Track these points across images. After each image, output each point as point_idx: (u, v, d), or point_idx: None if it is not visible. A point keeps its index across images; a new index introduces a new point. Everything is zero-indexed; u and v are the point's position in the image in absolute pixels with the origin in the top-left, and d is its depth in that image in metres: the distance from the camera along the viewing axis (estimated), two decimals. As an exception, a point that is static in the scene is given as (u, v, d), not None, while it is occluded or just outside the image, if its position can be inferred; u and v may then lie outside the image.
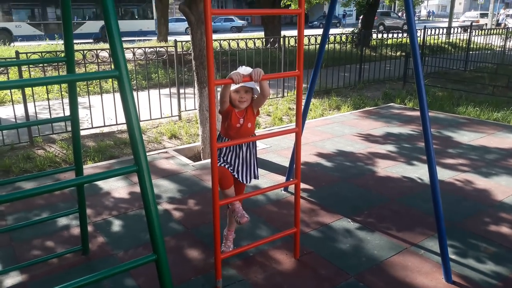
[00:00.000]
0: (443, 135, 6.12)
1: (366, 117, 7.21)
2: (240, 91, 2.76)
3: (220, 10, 2.49)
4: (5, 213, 3.82)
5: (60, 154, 5.58)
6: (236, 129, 2.83)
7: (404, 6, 2.80)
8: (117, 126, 6.73)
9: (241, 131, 2.85)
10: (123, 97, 1.69)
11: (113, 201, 4.06)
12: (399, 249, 3.21)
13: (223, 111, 2.83)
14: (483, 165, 4.90)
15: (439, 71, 11.36)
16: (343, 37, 10.50)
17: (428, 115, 2.79)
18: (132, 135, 1.72)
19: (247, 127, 2.86)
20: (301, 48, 2.65)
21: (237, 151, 2.89)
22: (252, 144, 2.95)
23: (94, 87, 9.70)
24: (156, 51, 7.82)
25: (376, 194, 4.17)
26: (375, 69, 10.74)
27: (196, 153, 5.65)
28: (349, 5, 21.36)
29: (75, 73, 2.12)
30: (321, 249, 3.21)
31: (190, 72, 10.30)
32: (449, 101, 8.33)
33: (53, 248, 3.27)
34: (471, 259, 3.08)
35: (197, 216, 3.77)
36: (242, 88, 2.75)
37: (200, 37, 4.85)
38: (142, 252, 3.20)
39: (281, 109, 8.00)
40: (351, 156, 5.23)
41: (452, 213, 3.72)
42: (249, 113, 2.85)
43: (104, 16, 1.65)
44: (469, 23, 20.09)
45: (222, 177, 2.84)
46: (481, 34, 14.21)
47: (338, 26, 34.90)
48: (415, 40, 2.77)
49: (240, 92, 2.77)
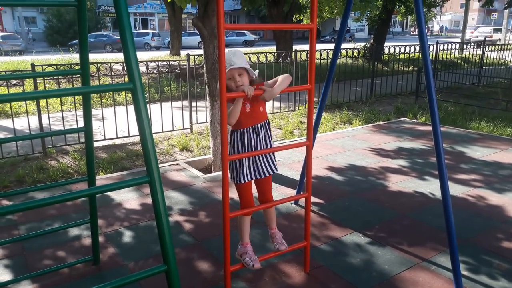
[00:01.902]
0: (455, 150, 6.07)
1: (377, 132, 7.19)
2: (233, 76, 2.62)
3: (233, 24, 2.52)
4: (17, 222, 3.87)
5: (73, 165, 5.65)
6: (247, 114, 2.70)
7: (416, 21, 2.81)
8: (129, 138, 6.80)
9: (253, 115, 2.72)
10: (137, 109, 1.72)
11: (124, 212, 4.09)
12: (410, 264, 3.17)
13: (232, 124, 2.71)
14: (496, 181, 4.84)
15: (452, 86, 11.31)
16: (355, 51, 10.53)
17: (440, 129, 2.78)
18: (145, 147, 1.74)
19: (259, 111, 2.75)
20: (313, 62, 2.67)
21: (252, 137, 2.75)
22: (266, 128, 2.81)
23: (107, 99, 9.84)
24: (169, 65, 7.92)
25: (387, 208, 4.14)
26: (387, 84, 10.73)
27: (207, 166, 5.68)
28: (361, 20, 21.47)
29: (90, 85, 2.17)
30: (332, 263, 3.19)
31: (202, 86, 10.40)
32: (461, 116, 8.27)
33: (64, 258, 3.30)
34: (483, 275, 3.04)
35: (207, 228, 3.77)
36: (233, 73, 2.61)
37: (212, 50, 4.91)
38: (152, 263, 3.21)
39: (292, 122, 8.02)
40: (362, 170, 5.21)
41: (464, 229, 3.68)
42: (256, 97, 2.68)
43: (119, 29, 1.69)
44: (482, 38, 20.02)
45: (244, 195, 2.84)
46: (495, 49, 14.13)
47: (350, 41, 34.97)
48: (427, 55, 2.78)
49: (234, 76, 2.62)
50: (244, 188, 2.85)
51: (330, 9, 17.44)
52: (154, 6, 46.21)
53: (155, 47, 33.21)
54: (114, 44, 31.11)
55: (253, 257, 2.86)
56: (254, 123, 2.74)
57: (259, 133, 2.76)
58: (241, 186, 2.84)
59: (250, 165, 2.80)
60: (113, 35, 32.67)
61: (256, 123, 2.75)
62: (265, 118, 2.82)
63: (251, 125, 2.73)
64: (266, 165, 2.85)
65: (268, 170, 2.86)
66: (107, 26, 43.73)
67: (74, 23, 32.30)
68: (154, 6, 46.29)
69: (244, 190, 2.86)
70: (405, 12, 20.38)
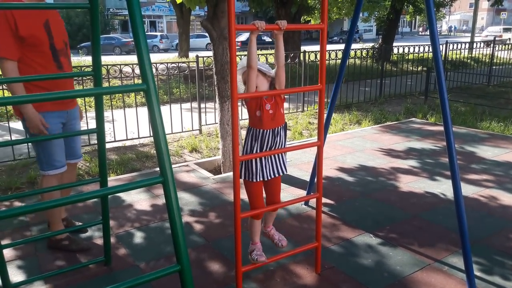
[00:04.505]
0: (466, 150, 6.02)
1: (387, 132, 7.16)
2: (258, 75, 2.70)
3: (243, 25, 2.53)
4: (30, 223, 3.91)
5: (84, 167, 5.69)
6: (269, 115, 2.72)
7: (427, 21, 2.80)
8: (139, 139, 6.84)
9: (275, 118, 2.74)
10: (151, 109, 1.73)
11: (135, 213, 4.11)
12: (422, 265, 3.15)
13: (249, 103, 2.74)
14: (508, 181, 4.80)
15: (462, 86, 11.23)
16: (364, 52, 10.50)
17: (452, 130, 2.76)
18: (158, 147, 1.75)
19: (280, 113, 2.78)
20: (323, 62, 2.67)
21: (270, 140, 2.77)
22: (284, 131, 2.84)
23: (116, 101, 9.90)
24: (178, 67, 7.96)
25: (398, 209, 4.12)
26: (396, 84, 10.68)
27: (217, 167, 5.69)
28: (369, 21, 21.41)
29: (104, 87, 2.19)
30: (343, 264, 3.18)
31: (211, 87, 10.44)
32: (472, 116, 8.21)
33: (76, 258, 3.32)
34: (496, 276, 3.01)
35: (217, 229, 3.78)
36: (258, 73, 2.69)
37: (222, 52, 4.93)
38: (164, 263, 3.23)
39: (301, 123, 8.01)
40: (373, 171, 5.19)
41: (476, 229, 3.65)
42: (277, 98, 2.75)
43: (132, 30, 1.70)
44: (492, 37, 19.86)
45: (254, 195, 2.86)
46: (505, 49, 14.01)
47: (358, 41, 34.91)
48: (438, 55, 2.76)
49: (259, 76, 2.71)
50: (255, 187, 2.86)
51: (338, 10, 17.44)
52: (162, 8, 46.49)
53: (164, 49, 33.38)
54: (123, 46, 31.33)
55: (259, 252, 2.92)
56: (275, 125, 2.75)
57: (277, 136, 2.78)
58: (252, 185, 2.85)
59: (263, 164, 2.81)
60: (122, 38, 32.90)
61: (277, 125, 2.76)
62: (284, 121, 2.84)
63: (272, 128, 2.74)
64: (278, 166, 2.86)
65: (279, 170, 2.88)
66: (116, 29, 44.05)
67: (83, 26, 32.60)
68: (162, 9, 46.57)
69: (255, 189, 2.87)
70: (414, 12, 20.28)
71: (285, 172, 2.91)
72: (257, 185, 2.86)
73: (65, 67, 3.13)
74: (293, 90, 2.96)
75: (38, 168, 3.32)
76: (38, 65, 2.98)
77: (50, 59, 3.03)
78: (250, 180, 2.82)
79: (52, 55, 3.03)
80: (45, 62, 3.00)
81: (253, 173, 2.79)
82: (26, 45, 2.92)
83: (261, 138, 2.75)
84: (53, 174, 3.22)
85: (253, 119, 2.77)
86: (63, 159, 3.27)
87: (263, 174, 2.81)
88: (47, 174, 3.22)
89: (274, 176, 2.86)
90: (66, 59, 3.16)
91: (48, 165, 3.20)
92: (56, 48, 3.05)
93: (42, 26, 2.97)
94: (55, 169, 3.22)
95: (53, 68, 3.04)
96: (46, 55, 3.00)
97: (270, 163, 2.83)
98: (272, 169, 2.84)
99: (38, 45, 2.95)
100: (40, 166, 3.24)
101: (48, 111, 3.10)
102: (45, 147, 3.15)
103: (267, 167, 2.82)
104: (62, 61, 3.10)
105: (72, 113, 3.36)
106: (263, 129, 2.73)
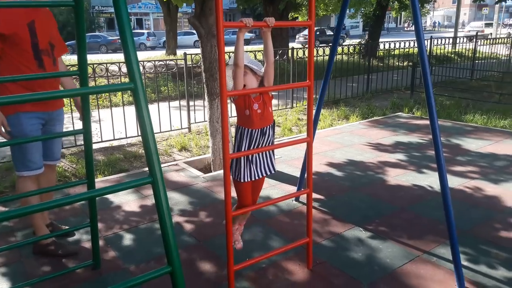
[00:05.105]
0: (451, 143, 6.10)
1: (374, 127, 7.21)
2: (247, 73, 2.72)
3: (231, 22, 2.51)
4: (14, 229, 3.81)
5: (70, 168, 5.63)
6: (258, 115, 2.71)
7: (412, 17, 2.82)
8: (126, 139, 6.79)
9: (264, 117, 2.74)
10: (138, 108, 1.71)
11: (124, 215, 4.08)
12: (411, 257, 3.19)
13: (237, 101, 2.73)
14: (492, 172, 4.88)
15: (446, 80, 11.37)
16: (351, 48, 10.56)
17: (437, 123, 2.79)
18: (147, 147, 1.74)
19: (269, 112, 2.78)
20: (312, 59, 2.68)
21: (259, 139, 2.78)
22: (272, 130, 2.85)
23: (103, 100, 9.80)
24: (166, 64, 7.90)
25: (387, 202, 4.16)
26: (382, 79, 10.77)
27: (207, 165, 5.68)
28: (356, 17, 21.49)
29: (91, 86, 2.16)
30: (334, 258, 3.20)
31: (199, 85, 10.38)
32: (456, 110, 8.32)
33: (64, 263, 3.27)
34: (483, 265, 3.06)
35: (208, 228, 3.78)
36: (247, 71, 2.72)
37: (210, 49, 4.91)
38: (154, 265, 3.20)
39: (290, 119, 8.03)
40: (361, 165, 5.23)
41: (462, 220, 3.71)
42: (265, 97, 2.75)
43: (119, 28, 1.68)
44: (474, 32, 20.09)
45: (243, 194, 2.88)
46: (487, 44, 14.19)
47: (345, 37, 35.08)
48: (423, 50, 2.79)
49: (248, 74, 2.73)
50: (244, 186, 2.87)
51: (325, 7, 17.48)
52: (149, 5, 46.07)
53: (151, 47, 33.11)
54: (109, 45, 31.01)
55: (237, 238, 3.14)
56: (264, 125, 2.76)
57: (265, 135, 2.78)
58: (241, 184, 2.86)
59: (252, 164, 2.81)
60: (108, 36, 32.54)
61: (266, 125, 2.77)
62: (273, 119, 2.84)
63: (261, 127, 2.75)
64: (267, 165, 2.88)
65: (268, 170, 2.90)
66: (102, 27, 43.55)
67: (68, 24, 32.10)
68: (149, 6, 46.15)
69: (244, 189, 2.88)
70: (399, 8, 20.42)
71: (273, 171, 2.93)
72: (246, 184, 2.87)
73: (47, 67, 3.10)
74: (282, 87, 2.95)
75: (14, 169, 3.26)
76: (19, 63, 2.98)
77: (31, 57, 3.01)
78: (239, 180, 2.82)
79: (33, 53, 3.02)
80: (25, 61, 3.00)
81: (242, 174, 2.80)
82: (8, 43, 2.92)
83: (250, 137, 2.75)
84: (27, 175, 3.15)
85: (241, 118, 2.77)
86: (39, 160, 3.19)
87: (250, 174, 2.82)
88: (21, 175, 3.15)
89: (263, 175, 2.88)
90: (50, 59, 3.13)
91: (23, 166, 3.13)
92: (39, 47, 3.05)
93: (26, 25, 2.97)
94: (30, 170, 3.14)
95: (33, 66, 3.02)
96: (27, 53, 2.99)
97: (259, 162, 2.84)
98: (261, 169, 2.86)
99: (19, 44, 2.95)
100: (15, 167, 3.17)
101: (27, 112, 3.05)
102: (21, 147, 3.08)
103: (257, 166, 2.83)
104: (44, 59, 3.08)
105: (55, 115, 3.29)
106: (252, 129, 2.74)
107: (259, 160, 2.83)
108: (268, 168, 2.89)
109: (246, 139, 2.76)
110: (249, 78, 2.73)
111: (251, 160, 2.80)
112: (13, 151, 3.15)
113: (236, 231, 3.17)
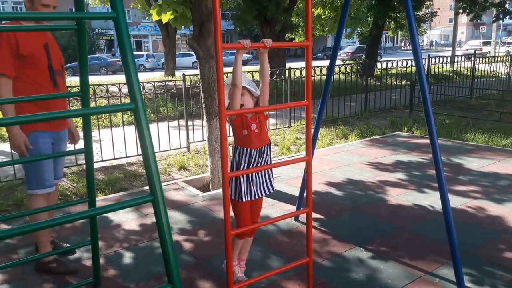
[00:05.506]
0: (452, 162, 6.10)
1: (373, 146, 7.22)
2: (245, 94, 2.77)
3: (230, 44, 2.55)
4: (17, 246, 3.83)
5: (71, 187, 5.62)
6: (256, 134, 2.75)
7: (409, 36, 2.86)
8: (126, 158, 6.79)
9: (261, 137, 2.77)
10: (139, 129, 1.73)
11: (124, 233, 4.06)
12: (413, 277, 3.16)
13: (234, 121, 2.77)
14: (495, 192, 4.87)
15: (445, 99, 11.43)
16: (348, 67, 10.66)
17: (437, 142, 2.81)
18: (147, 166, 1.75)
19: (265, 131, 2.81)
20: (309, 78, 2.70)
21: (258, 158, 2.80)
22: (269, 149, 2.87)
23: (103, 121, 9.84)
24: (165, 85, 7.96)
25: (388, 222, 4.14)
26: (380, 98, 10.83)
27: (205, 184, 5.67)
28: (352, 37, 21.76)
29: (93, 107, 2.19)
30: (335, 279, 3.17)
31: (198, 105, 10.45)
32: (456, 128, 8.34)
33: (65, 280, 3.26)
34: (487, 286, 3.03)
35: (208, 247, 3.75)
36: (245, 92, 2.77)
37: (208, 70, 4.96)
38: (154, 284, 3.18)
39: (289, 139, 8.05)
40: (361, 185, 5.22)
41: (465, 240, 3.68)
42: (261, 117, 2.79)
43: (120, 50, 1.71)
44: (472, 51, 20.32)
45: (242, 214, 2.86)
46: (485, 62, 14.33)
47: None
48: (421, 69, 2.82)
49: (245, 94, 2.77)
50: (243, 207, 2.86)
51: (322, 27, 17.70)
52: (148, 28, 46.72)
53: (150, 68, 33.39)
54: (109, 66, 31.29)
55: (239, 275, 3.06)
56: (262, 144, 2.78)
57: (263, 154, 2.81)
58: (240, 205, 2.85)
59: (251, 184, 2.81)
60: (108, 58, 32.84)
61: (264, 144, 2.80)
62: (268, 138, 2.88)
63: (260, 147, 2.77)
64: (265, 185, 2.88)
65: (267, 189, 2.89)
66: (102, 49, 44.04)
67: (69, 47, 32.51)
68: (148, 28, 46.80)
69: (242, 209, 2.87)
70: (396, 27, 20.69)
71: (272, 191, 2.93)
72: (245, 204, 2.86)
73: (60, 87, 3.26)
74: (280, 106, 2.98)
75: (26, 188, 3.29)
76: (35, 82, 3.11)
77: (47, 78, 3.16)
78: (239, 200, 2.82)
79: (49, 74, 3.17)
80: (42, 80, 3.14)
81: (243, 193, 2.80)
82: (26, 63, 3.04)
83: (249, 157, 2.76)
84: (42, 193, 3.22)
85: (239, 138, 2.79)
86: (51, 178, 3.28)
87: (250, 193, 2.82)
88: (36, 193, 3.21)
89: (262, 195, 2.88)
90: (61, 78, 3.31)
91: (37, 184, 3.20)
92: (53, 68, 3.20)
93: (42, 47, 3.14)
94: (44, 188, 3.22)
95: (49, 86, 3.17)
96: (44, 73, 3.14)
97: (259, 182, 2.84)
98: (260, 189, 2.86)
99: (37, 64, 3.09)
100: (29, 185, 3.23)
101: (42, 131, 3.17)
102: (35, 166, 3.16)
103: (256, 186, 2.83)
104: (58, 80, 3.25)
105: (61, 135, 3.42)
106: (250, 148, 2.75)
107: (259, 179, 2.84)
108: (267, 187, 2.89)
109: (245, 159, 2.77)
110: (247, 99, 2.78)
111: (251, 179, 2.80)
112: (28, 170, 3.21)
113: (236, 266, 3.08)
